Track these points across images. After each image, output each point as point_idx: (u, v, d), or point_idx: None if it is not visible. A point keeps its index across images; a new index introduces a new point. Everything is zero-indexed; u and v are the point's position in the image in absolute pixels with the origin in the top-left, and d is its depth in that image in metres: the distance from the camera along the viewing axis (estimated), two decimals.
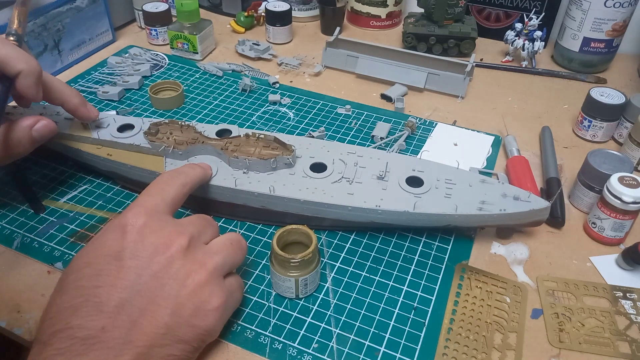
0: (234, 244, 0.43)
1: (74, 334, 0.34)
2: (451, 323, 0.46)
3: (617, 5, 0.78)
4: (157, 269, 0.38)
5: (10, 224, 0.55)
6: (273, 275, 0.47)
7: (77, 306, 0.35)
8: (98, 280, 0.36)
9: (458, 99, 0.78)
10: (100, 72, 0.82)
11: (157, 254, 0.38)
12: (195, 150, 0.55)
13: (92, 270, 0.37)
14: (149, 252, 0.38)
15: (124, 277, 0.36)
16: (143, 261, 0.38)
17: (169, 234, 0.39)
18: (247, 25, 0.98)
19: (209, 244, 0.42)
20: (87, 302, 0.35)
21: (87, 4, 0.83)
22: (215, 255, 0.41)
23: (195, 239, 0.41)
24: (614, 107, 0.67)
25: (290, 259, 0.44)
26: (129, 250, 0.38)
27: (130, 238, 0.38)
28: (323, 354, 0.43)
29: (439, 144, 0.68)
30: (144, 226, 0.39)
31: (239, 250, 0.43)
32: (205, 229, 0.43)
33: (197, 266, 0.39)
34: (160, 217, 0.41)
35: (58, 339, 0.34)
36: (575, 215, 0.58)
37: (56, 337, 0.34)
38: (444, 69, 0.79)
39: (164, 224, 0.40)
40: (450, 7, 0.85)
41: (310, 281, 0.47)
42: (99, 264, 0.37)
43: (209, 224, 0.43)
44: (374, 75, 0.82)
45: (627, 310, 0.48)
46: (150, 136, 0.56)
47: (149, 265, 0.38)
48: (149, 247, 0.38)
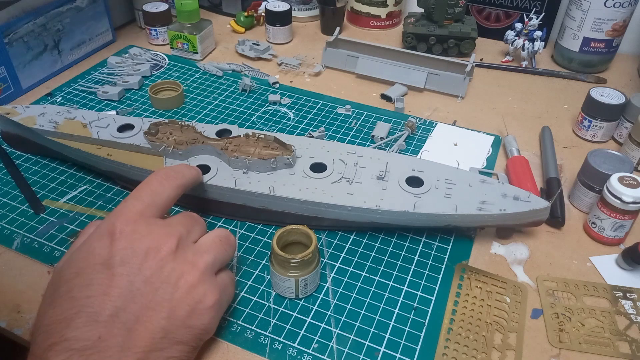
0: (223, 241, 0.42)
1: (70, 345, 0.33)
2: (451, 323, 0.46)
3: (617, 5, 0.78)
4: (149, 274, 0.37)
5: (10, 224, 0.55)
6: (273, 275, 0.47)
7: (70, 318, 0.34)
8: (90, 290, 0.36)
9: (458, 99, 0.78)
10: (100, 72, 0.82)
11: (148, 259, 0.38)
12: (195, 150, 0.55)
13: (83, 280, 0.36)
14: (139, 258, 0.38)
15: (116, 285, 0.36)
16: (134, 267, 0.37)
17: (158, 237, 0.39)
18: (247, 25, 0.98)
19: (197, 242, 0.42)
20: (81, 313, 0.35)
21: (87, 4, 0.83)
22: (205, 254, 0.40)
23: (184, 239, 0.40)
24: (614, 107, 0.67)
25: (290, 259, 0.44)
26: (119, 257, 0.37)
27: (120, 245, 0.38)
28: (323, 354, 0.43)
29: (439, 144, 0.68)
30: (132, 232, 0.39)
31: (228, 246, 0.43)
32: (193, 227, 0.42)
33: (188, 267, 0.39)
34: (149, 220, 0.40)
35: (54, 352, 0.33)
36: (575, 215, 0.58)
37: (52, 350, 0.33)
38: (444, 69, 0.78)
39: (152, 228, 0.40)
40: (450, 7, 0.84)
41: (310, 281, 0.47)
42: (89, 273, 0.37)
43: (196, 222, 0.43)
44: (374, 75, 0.82)
45: (627, 310, 0.48)
46: (150, 136, 0.56)
47: (140, 271, 0.37)
48: (139, 252, 0.38)
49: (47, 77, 0.81)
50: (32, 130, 0.59)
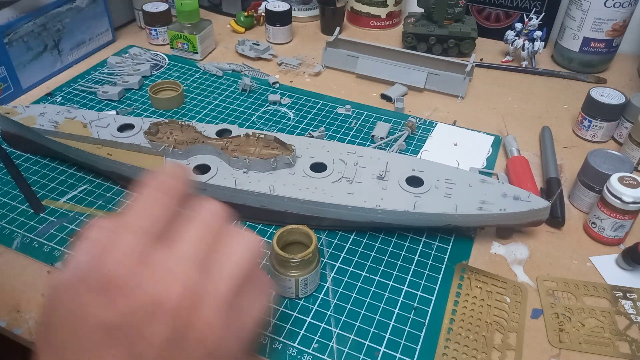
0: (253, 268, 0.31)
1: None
2: (451, 323, 0.46)
3: (617, 5, 0.78)
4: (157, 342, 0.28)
5: (10, 224, 0.55)
6: (273, 275, 0.47)
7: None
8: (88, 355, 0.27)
9: (458, 99, 0.78)
10: (100, 72, 0.82)
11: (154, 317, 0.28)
12: (195, 150, 0.55)
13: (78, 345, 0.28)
14: (141, 316, 0.29)
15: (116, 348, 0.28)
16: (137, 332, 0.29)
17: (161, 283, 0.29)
18: (247, 25, 0.98)
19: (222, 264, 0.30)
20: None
21: (87, 4, 0.83)
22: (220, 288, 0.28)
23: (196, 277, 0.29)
24: (614, 107, 0.67)
25: (290, 258, 0.44)
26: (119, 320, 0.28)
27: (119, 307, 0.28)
28: (323, 354, 0.43)
29: (439, 144, 0.68)
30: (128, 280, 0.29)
31: None
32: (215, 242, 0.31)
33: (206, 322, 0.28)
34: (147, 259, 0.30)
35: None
36: (575, 215, 0.58)
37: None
38: (444, 69, 0.78)
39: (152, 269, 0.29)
40: (450, 7, 0.84)
41: (310, 281, 0.47)
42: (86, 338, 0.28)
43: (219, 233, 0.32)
44: (374, 75, 0.82)
45: (627, 310, 0.48)
46: (150, 136, 0.56)
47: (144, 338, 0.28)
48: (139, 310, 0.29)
49: (47, 77, 0.81)
50: (32, 130, 0.59)
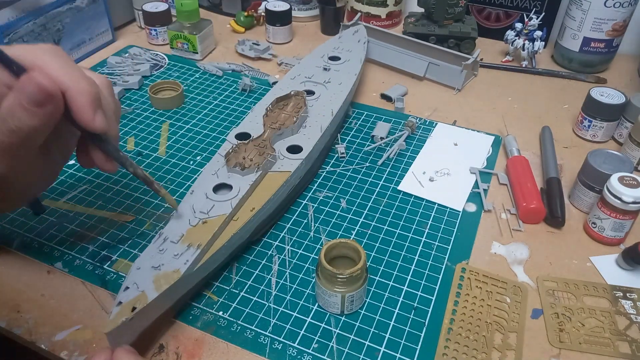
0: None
1: None
2: (451, 323, 0.46)
3: (617, 5, 0.78)
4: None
5: (10, 224, 0.55)
6: (318, 288, 0.45)
7: None
8: None
9: (454, 91, 0.79)
10: (100, 72, 0.82)
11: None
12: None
13: None
14: None
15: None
16: None
17: None
18: (247, 25, 0.98)
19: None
20: None
21: (87, 4, 0.83)
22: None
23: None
24: (614, 107, 0.67)
25: (338, 274, 0.43)
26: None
27: None
28: (323, 354, 0.43)
29: (439, 143, 0.68)
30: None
31: None
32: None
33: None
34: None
35: None
36: (575, 215, 0.58)
37: None
38: (445, 60, 0.80)
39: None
40: (450, 7, 0.84)
41: (357, 297, 0.45)
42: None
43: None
44: (377, 59, 0.83)
45: (627, 310, 0.48)
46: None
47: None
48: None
49: None
50: None
